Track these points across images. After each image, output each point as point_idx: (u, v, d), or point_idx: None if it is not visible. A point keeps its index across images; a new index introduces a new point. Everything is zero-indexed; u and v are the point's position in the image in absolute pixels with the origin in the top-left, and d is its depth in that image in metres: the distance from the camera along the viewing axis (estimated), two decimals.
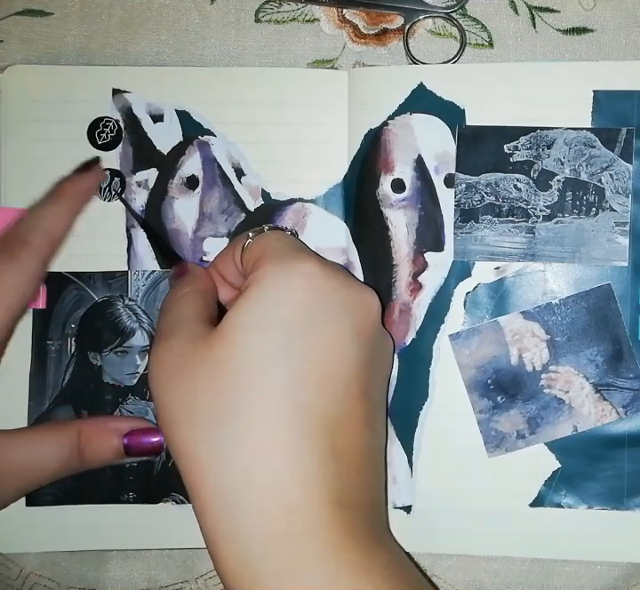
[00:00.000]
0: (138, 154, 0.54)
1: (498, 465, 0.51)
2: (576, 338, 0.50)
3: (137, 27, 0.54)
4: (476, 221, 0.51)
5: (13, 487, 0.48)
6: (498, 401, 0.51)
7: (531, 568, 0.52)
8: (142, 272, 0.53)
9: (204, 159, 0.53)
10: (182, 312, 0.46)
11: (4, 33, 0.54)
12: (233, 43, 0.54)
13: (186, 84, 0.53)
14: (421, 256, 0.51)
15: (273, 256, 0.44)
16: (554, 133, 0.51)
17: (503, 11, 0.53)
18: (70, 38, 0.54)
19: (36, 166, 0.53)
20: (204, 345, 0.42)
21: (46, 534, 0.52)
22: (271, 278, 0.42)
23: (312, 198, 0.53)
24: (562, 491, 0.50)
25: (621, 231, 0.50)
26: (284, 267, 0.43)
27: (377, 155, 0.52)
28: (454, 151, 0.51)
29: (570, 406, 0.50)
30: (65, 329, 0.53)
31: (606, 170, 0.50)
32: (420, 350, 0.51)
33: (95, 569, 0.53)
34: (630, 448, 0.50)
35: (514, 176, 0.51)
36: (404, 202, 0.52)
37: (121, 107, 0.53)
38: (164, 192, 0.53)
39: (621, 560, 0.51)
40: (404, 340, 0.51)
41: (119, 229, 0.53)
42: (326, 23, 0.54)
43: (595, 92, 0.50)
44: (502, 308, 0.51)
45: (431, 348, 0.51)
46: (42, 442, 0.48)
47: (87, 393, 0.53)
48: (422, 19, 0.53)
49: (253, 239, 0.46)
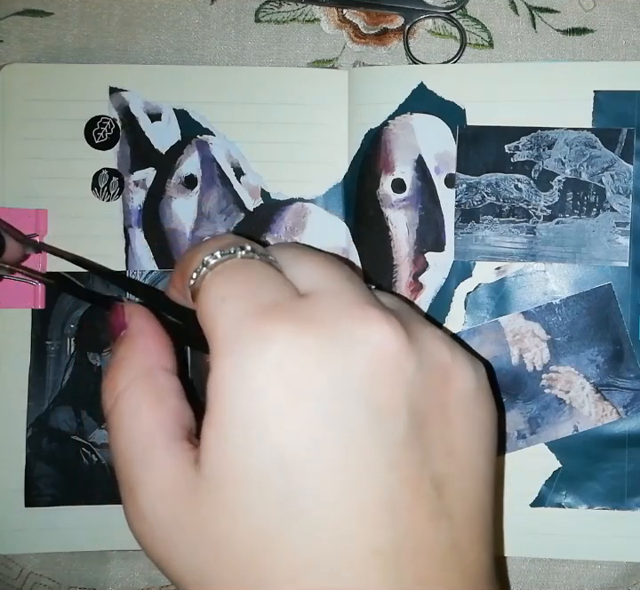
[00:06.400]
0: (135, 153, 0.53)
1: (498, 465, 0.51)
2: (577, 339, 0.50)
3: (137, 27, 0.54)
4: (477, 221, 0.51)
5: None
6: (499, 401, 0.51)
7: (531, 568, 0.52)
8: (140, 272, 0.53)
9: (203, 158, 0.53)
10: (136, 432, 0.34)
11: (3, 33, 0.54)
12: (233, 43, 0.54)
13: (184, 83, 0.53)
14: (422, 256, 0.51)
15: (225, 338, 0.32)
16: (555, 134, 0.51)
17: (503, 11, 0.53)
18: (70, 38, 0.54)
19: (33, 165, 0.53)
20: (191, 504, 0.32)
21: (46, 535, 0.52)
22: (233, 394, 0.31)
23: (312, 198, 0.53)
24: (562, 491, 0.50)
25: (622, 231, 0.50)
26: (241, 368, 0.31)
27: (377, 155, 0.52)
28: (455, 151, 0.51)
29: (570, 406, 0.50)
30: (64, 329, 0.53)
31: (607, 170, 0.50)
32: None
33: (96, 568, 0.53)
34: (631, 448, 0.50)
35: (514, 176, 0.51)
36: (405, 202, 0.52)
37: (118, 105, 0.53)
38: (162, 191, 0.53)
39: (621, 559, 0.51)
40: None
41: (117, 229, 0.53)
42: (326, 23, 0.54)
43: (595, 93, 0.50)
44: (503, 308, 0.51)
45: None
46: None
47: (87, 393, 0.53)
48: (422, 20, 0.53)
49: (197, 279, 0.35)
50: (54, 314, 0.53)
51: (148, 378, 0.35)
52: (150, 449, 0.33)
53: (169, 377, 0.36)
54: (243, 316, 0.32)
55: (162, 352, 0.37)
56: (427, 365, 0.33)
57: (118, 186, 0.53)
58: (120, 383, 0.35)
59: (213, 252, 0.34)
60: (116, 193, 0.53)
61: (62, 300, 0.53)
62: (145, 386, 0.35)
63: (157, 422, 0.34)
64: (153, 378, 0.35)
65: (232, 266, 0.34)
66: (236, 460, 0.31)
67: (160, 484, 0.33)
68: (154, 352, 0.36)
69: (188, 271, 0.35)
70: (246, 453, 0.31)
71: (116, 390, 0.35)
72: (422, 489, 0.32)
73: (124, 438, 0.34)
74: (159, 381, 0.35)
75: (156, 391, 0.35)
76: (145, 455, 0.33)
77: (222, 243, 0.35)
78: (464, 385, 0.35)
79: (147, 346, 0.37)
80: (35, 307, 0.52)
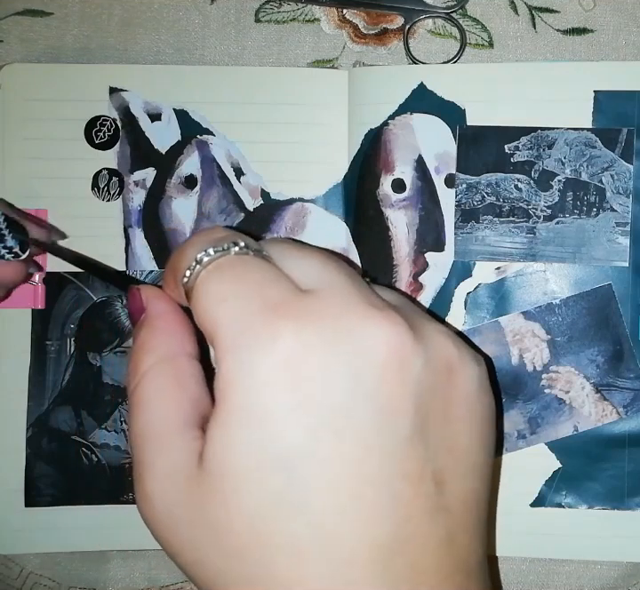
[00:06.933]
0: (135, 153, 0.53)
1: (497, 464, 0.51)
2: (577, 339, 0.50)
3: (137, 27, 0.54)
4: (477, 221, 0.51)
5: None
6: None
7: (531, 568, 0.52)
8: (140, 272, 0.53)
9: (203, 158, 0.53)
10: (153, 417, 0.34)
11: (3, 33, 0.54)
12: (233, 43, 0.54)
13: (184, 83, 0.53)
14: (422, 256, 0.51)
15: (230, 338, 0.32)
16: (554, 134, 0.51)
17: (503, 11, 0.53)
18: (70, 38, 0.54)
19: (33, 165, 0.53)
20: (195, 496, 0.32)
21: (46, 535, 0.52)
22: (238, 396, 0.31)
23: (312, 198, 0.53)
24: (562, 491, 0.50)
25: (622, 231, 0.50)
26: (247, 366, 0.31)
27: (377, 155, 0.52)
28: (455, 151, 0.51)
29: (570, 406, 0.50)
30: (64, 329, 0.53)
31: (607, 170, 0.50)
32: None
33: (96, 568, 0.53)
34: (631, 448, 0.50)
35: (515, 176, 0.51)
36: (405, 202, 0.52)
37: (118, 105, 0.53)
38: (162, 191, 0.53)
39: (621, 559, 0.51)
40: None
41: (117, 229, 0.53)
42: (326, 23, 0.54)
43: (595, 93, 0.50)
44: (503, 308, 0.51)
45: None
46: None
47: (86, 393, 0.53)
48: (422, 20, 0.53)
49: (191, 277, 0.34)
50: (54, 315, 0.53)
51: (169, 362, 0.35)
52: (163, 434, 0.34)
53: (190, 361, 0.36)
54: (246, 316, 0.32)
55: (182, 336, 0.36)
56: (433, 361, 0.33)
57: (118, 186, 0.53)
58: (142, 367, 0.35)
59: (206, 249, 0.34)
60: (116, 193, 0.53)
61: (62, 300, 0.53)
62: (165, 371, 0.35)
63: (174, 408, 0.34)
64: (174, 363, 0.35)
65: (227, 263, 0.34)
66: (237, 458, 0.31)
67: (167, 469, 0.33)
68: (174, 336, 0.36)
69: (180, 269, 0.35)
70: (248, 451, 0.31)
71: (137, 374, 0.35)
72: (423, 484, 0.32)
73: (142, 421, 0.34)
74: (180, 366, 0.35)
75: (176, 376, 0.35)
76: (157, 440, 0.34)
77: (213, 238, 0.35)
78: (468, 381, 0.35)
79: (167, 330, 0.36)
80: (35, 307, 0.52)
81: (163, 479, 0.33)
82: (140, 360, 0.35)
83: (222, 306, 0.32)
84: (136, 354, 0.36)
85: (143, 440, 0.34)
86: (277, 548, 0.31)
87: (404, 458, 0.32)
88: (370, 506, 0.31)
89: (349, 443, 0.31)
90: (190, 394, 0.35)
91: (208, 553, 0.32)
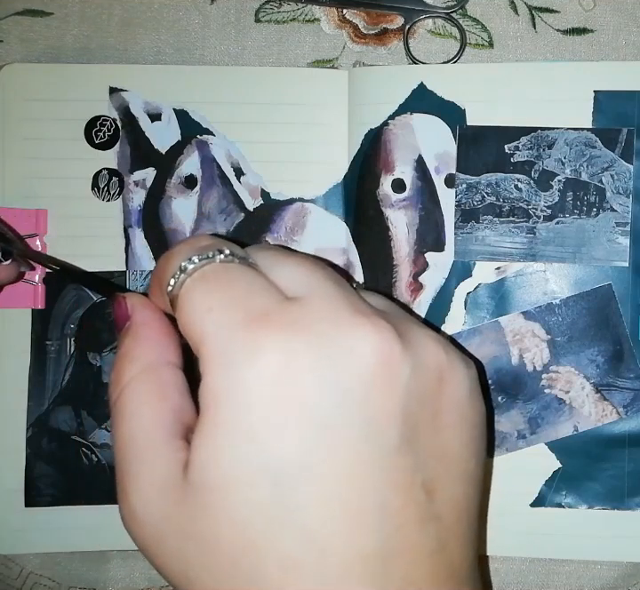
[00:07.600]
0: (135, 153, 0.53)
1: (498, 465, 0.51)
2: (577, 339, 0.50)
3: (137, 27, 0.54)
4: (477, 221, 0.51)
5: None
6: (498, 401, 0.51)
7: (531, 568, 0.52)
8: (140, 272, 0.53)
9: (203, 158, 0.53)
10: (135, 429, 0.34)
11: (3, 33, 0.54)
12: (233, 43, 0.54)
13: (184, 83, 0.53)
14: (422, 256, 0.51)
15: (215, 349, 0.31)
16: (554, 134, 0.51)
17: (503, 11, 0.53)
18: (70, 38, 0.54)
19: (33, 165, 0.53)
20: (182, 508, 0.32)
21: (46, 535, 0.52)
22: (225, 408, 0.31)
23: (312, 198, 0.53)
24: (562, 491, 0.50)
25: (622, 231, 0.50)
26: (232, 378, 0.31)
27: (377, 155, 0.52)
28: (455, 151, 0.51)
29: (570, 406, 0.50)
30: (64, 329, 0.53)
31: (607, 170, 0.50)
32: None
33: (96, 568, 0.53)
34: (631, 448, 0.50)
35: (514, 176, 0.51)
36: (405, 202, 0.52)
37: (118, 105, 0.53)
38: (162, 191, 0.53)
39: (621, 559, 0.51)
40: None
41: (117, 229, 0.53)
42: (326, 23, 0.54)
43: (595, 93, 0.50)
44: (503, 308, 0.51)
45: None
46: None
47: (86, 393, 0.53)
48: (422, 20, 0.53)
49: (175, 285, 0.34)
50: (54, 315, 0.53)
51: (152, 372, 0.35)
52: (147, 445, 0.33)
53: (173, 371, 0.35)
54: (232, 326, 0.31)
55: (166, 345, 0.36)
56: (421, 368, 0.33)
57: (118, 186, 0.53)
58: (124, 377, 0.35)
59: (190, 257, 0.34)
60: (116, 193, 0.53)
61: (62, 300, 0.53)
62: (148, 382, 0.35)
63: (157, 419, 0.34)
64: (156, 373, 0.35)
65: (212, 271, 0.33)
66: (224, 469, 0.31)
67: (151, 480, 0.33)
68: (158, 345, 0.36)
69: (164, 277, 0.34)
70: (236, 462, 0.31)
71: (120, 384, 0.35)
72: (413, 493, 0.32)
73: (124, 432, 0.34)
74: (163, 376, 0.35)
75: (159, 386, 0.35)
76: (140, 452, 0.33)
77: (198, 246, 0.34)
78: (458, 386, 0.35)
79: (151, 339, 0.36)
80: (35, 307, 0.52)
81: (147, 490, 0.32)
82: (123, 369, 0.35)
83: (207, 316, 0.32)
84: (119, 363, 0.35)
85: (126, 451, 0.34)
86: (267, 560, 0.30)
87: (392, 467, 0.32)
88: (359, 517, 0.31)
89: (337, 454, 0.31)
90: (173, 404, 0.34)
91: (195, 566, 0.31)
